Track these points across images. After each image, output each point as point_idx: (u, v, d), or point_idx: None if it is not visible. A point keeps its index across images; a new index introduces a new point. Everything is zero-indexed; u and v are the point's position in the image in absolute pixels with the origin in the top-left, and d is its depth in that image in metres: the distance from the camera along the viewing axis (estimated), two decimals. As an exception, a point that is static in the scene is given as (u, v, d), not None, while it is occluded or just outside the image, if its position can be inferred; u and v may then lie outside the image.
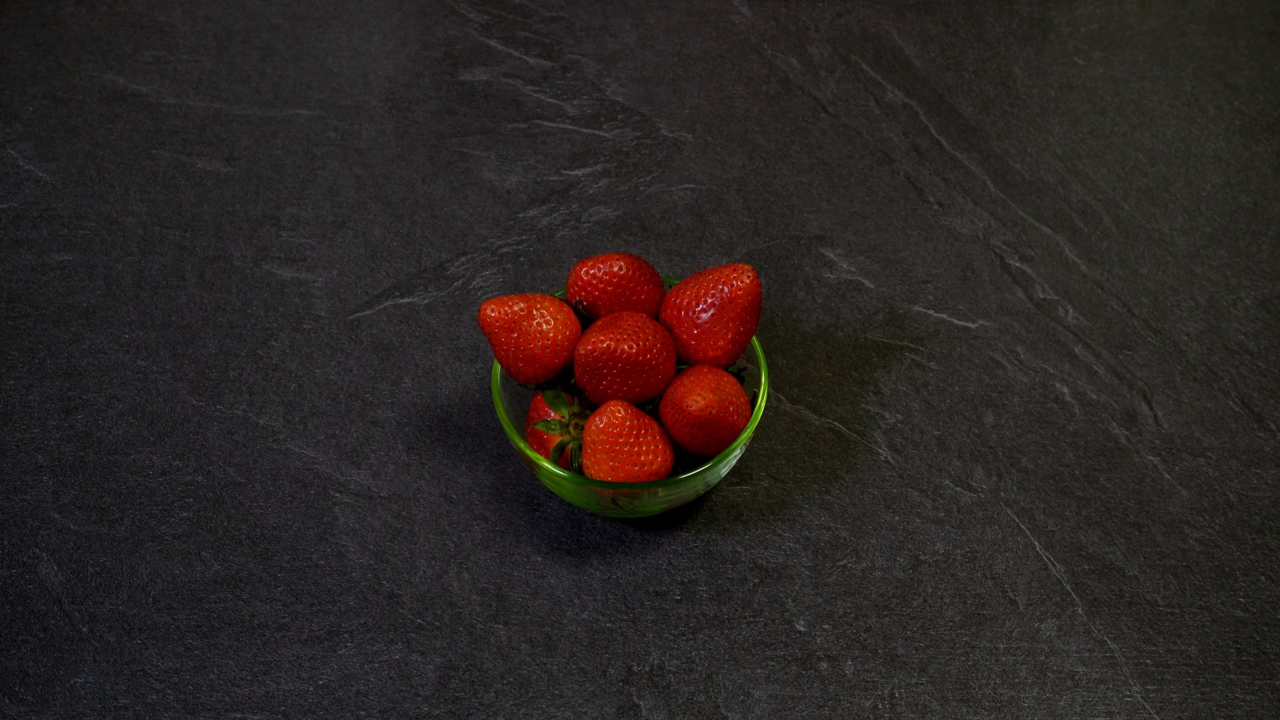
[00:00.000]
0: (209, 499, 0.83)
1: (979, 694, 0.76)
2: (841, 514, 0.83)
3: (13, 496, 0.83)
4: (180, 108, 1.03)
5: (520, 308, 0.76)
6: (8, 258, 0.94)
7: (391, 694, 0.76)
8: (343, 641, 0.77)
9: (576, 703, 0.75)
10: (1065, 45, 1.10)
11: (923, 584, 0.80)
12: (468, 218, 0.97)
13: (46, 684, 0.76)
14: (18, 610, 0.78)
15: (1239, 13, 1.13)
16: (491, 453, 0.85)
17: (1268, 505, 0.84)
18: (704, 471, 0.76)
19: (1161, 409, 0.88)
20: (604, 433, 0.74)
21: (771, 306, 0.93)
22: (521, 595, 0.79)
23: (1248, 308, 0.93)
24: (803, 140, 1.03)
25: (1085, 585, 0.80)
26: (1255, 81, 1.08)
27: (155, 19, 1.10)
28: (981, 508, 0.83)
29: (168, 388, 0.88)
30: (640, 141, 1.02)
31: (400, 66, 1.07)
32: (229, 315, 0.91)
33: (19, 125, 1.02)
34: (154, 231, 0.96)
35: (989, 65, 1.09)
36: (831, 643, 0.78)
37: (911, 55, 1.09)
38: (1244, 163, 1.02)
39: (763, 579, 0.80)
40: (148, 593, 0.79)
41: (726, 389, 0.76)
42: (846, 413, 0.87)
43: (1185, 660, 0.78)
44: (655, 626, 0.78)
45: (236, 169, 1.00)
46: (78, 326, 0.91)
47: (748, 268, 0.77)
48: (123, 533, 0.81)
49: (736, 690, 0.76)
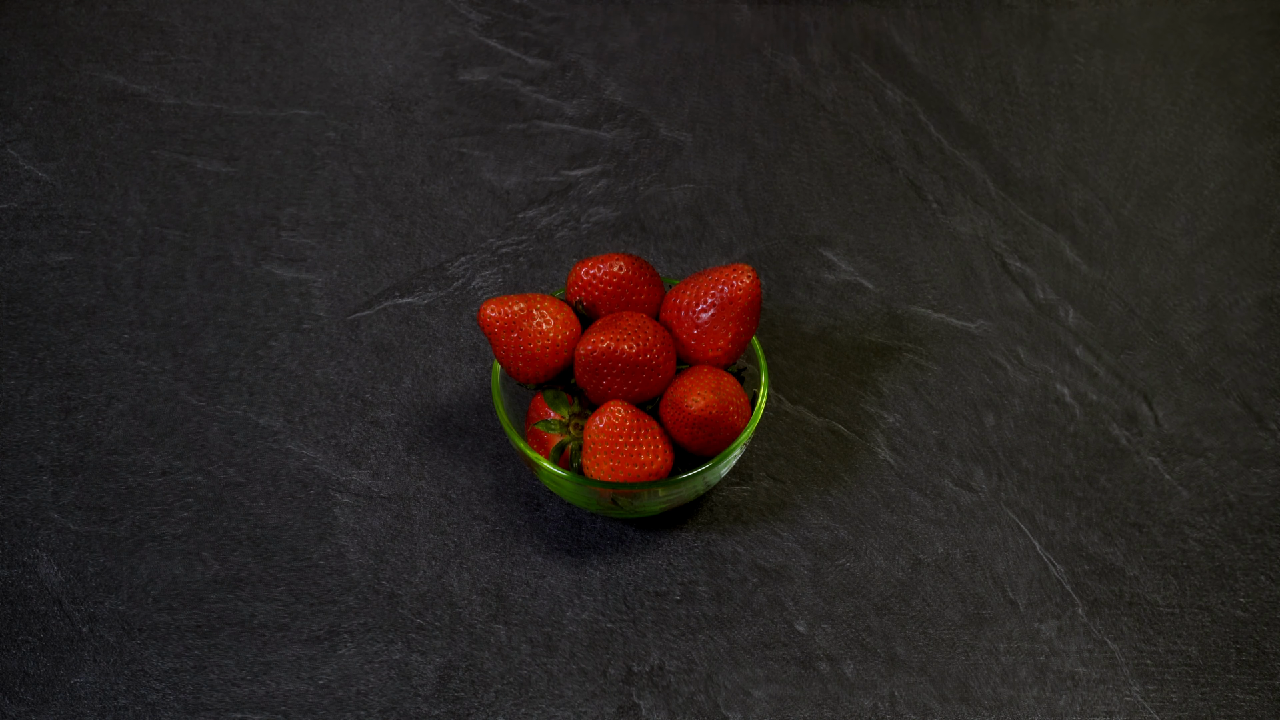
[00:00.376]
0: (209, 499, 0.83)
1: (979, 694, 0.76)
2: (841, 514, 0.83)
3: (13, 496, 0.83)
4: (180, 108, 1.03)
5: (520, 308, 0.76)
6: (8, 258, 0.94)
7: (391, 694, 0.76)
8: (343, 641, 0.77)
9: (576, 703, 0.75)
10: (1065, 45, 1.10)
11: (923, 584, 0.80)
12: (467, 218, 0.97)
13: (46, 684, 0.76)
14: (18, 610, 0.78)
15: (1239, 13, 1.13)
16: (491, 453, 0.85)
17: (1268, 505, 0.84)
18: (704, 471, 0.76)
19: (1162, 409, 0.88)
20: (604, 433, 0.74)
21: (771, 306, 0.93)
22: (521, 595, 0.79)
23: (1248, 308, 0.93)
24: (803, 140, 1.03)
25: (1085, 586, 0.80)
26: (1255, 81, 1.08)
27: (155, 19, 1.10)
28: (982, 508, 0.83)
29: (168, 388, 0.88)
30: (640, 142, 1.02)
31: (400, 66, 1.07)
32: (229, 315, 0.91)
33: (19, 125, 1.02)
34: (154, 231, 0.96)
35: (989, 65, 1.09)
36: (831, 643, 0.78)
37: (911, 55, 1.09)
38: (1244, 163, 1.02)
39: (763, 579, 0.80)
40: (148, 593, 0.79)
41: (726, 389, 0.76)
42: (846, 413, 0.87)
43: (1185, 660, 0.78)
44: (655, 626, 0.78)
45: (236, 169, 1.00)
46: (78, 326, 0.91)
47: (748, 268, 0.77)
48: (123, 533, 0.81)
49: (736, 690, 0.76)
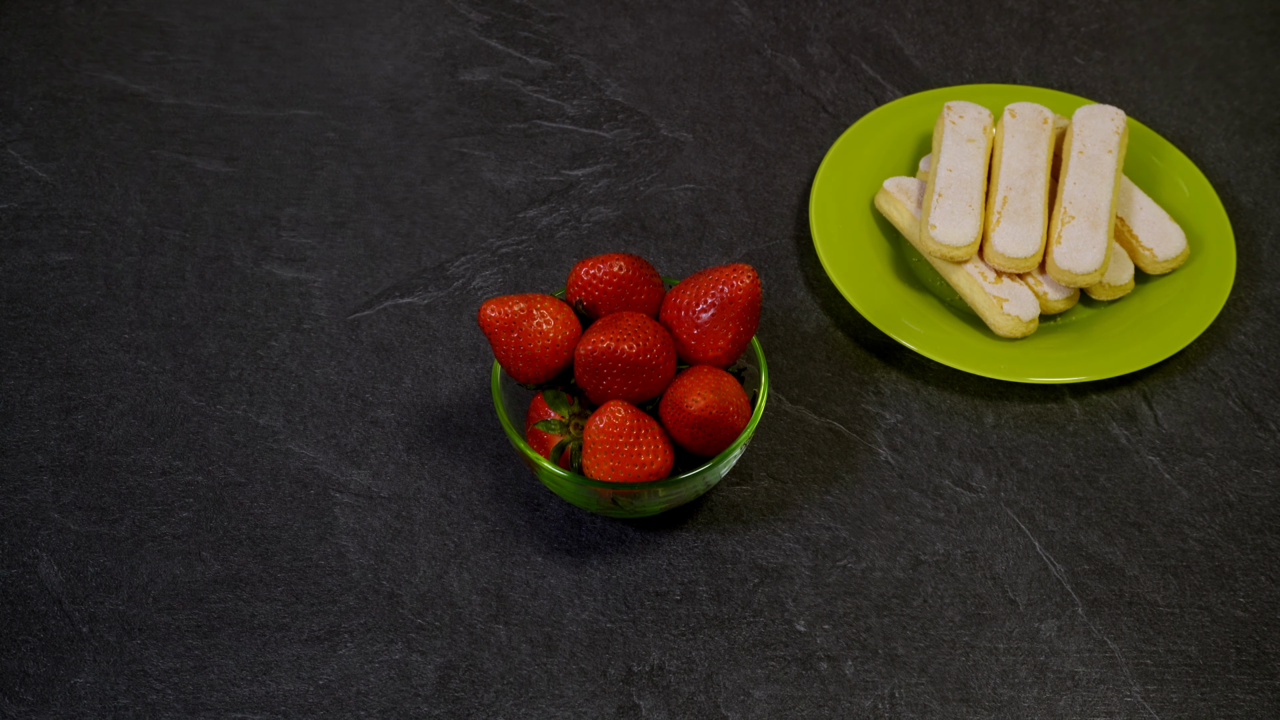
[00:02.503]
0: (209, 499, 0.83)
1: (979, 694, 0.76)
2: (841, 514, 0.83)
3: (13, 496, 0.83)
4: (180, 108, 1.03)
5: (520, 308, 0.76)
6: (8, 258, 0.94)
7: (391, 694, 0.76)
8: (343, 641, 0.77)
9: (576, 703, 0.75)
10: (1065, 45, 1.10)
11: (923, 584, 0.80)
12: (468, 218, 0.97)
13: (46, 684, 0.76)
14: (18, 610, 0.78)
15: (1239, 13, 1.13)
16: (491, 453, 0.85)
17: (1268, 505, 0.84)
18: (704, 471, 0.76)
19: (1161, 409, 0.88)
20: (604, 433, 0.74)
21: (771, 306, 0.93)
22: (521, 595, 0.79)
23: (1248, 308, 0.93)
24: (803, 140, 1.03)
25: (1085, 585, 0.80)
26: (1255, 81, 1.08)
27: (155, 19, 1.10)
28: (981, 508, 0.83)
29: (168, 388, 0.88)
30: (640, 141, 1.02)
31: (400, 66, 1.07)
32: (229, 315, 0.91)
33: (19, 125, 1.02)
34: (154, 231, 0.96)
35: (989, 65, 1.09)
36: (831, 643, 0.78)
37: (911, 55, 1.09)
38: (1244, 163, 1.02)
39: (763, 579, 0.80)
40: (148, 593, 0.79)
41: (726, 389, 0.76)
42: (846, 413, 0.87)
43: (1185, 660, 0.78)
44: (655, 626, 0.78)
45: (236, 169, 1.00)
46: (78, 326, 0.91)
47: (748, 268, 0.77)
48: (123, 533, 0.81)
49: (736, 690, 0.76)
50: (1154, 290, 0.92)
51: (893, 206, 0.94)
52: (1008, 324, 0.88)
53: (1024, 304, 0.89)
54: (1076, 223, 0.90)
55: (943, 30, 1.11)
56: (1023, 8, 1.13)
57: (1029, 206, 0.90)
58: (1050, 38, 1.11)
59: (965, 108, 0.97)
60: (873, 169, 0.98)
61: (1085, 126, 0.94)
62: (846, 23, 1.11)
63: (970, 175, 0.92)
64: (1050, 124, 0.95)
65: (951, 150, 0.94)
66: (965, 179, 0.92)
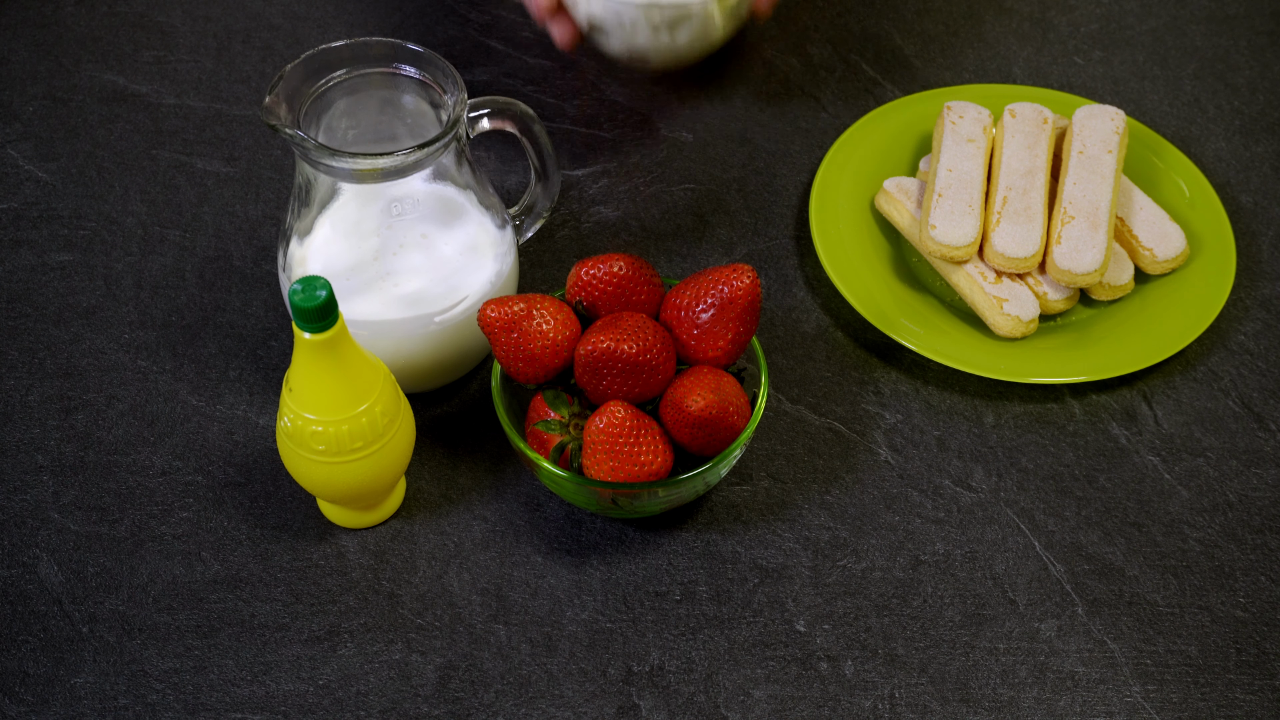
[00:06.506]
0: (209, 499, 0.83)
1: (979, 694, 0.76)
2: (841, 514, 0.83)
3: (13, 496, 0.83)
4: (180, 108, 1.03)
5: (520, 308, 0.76)
6: (8, 258, 0.94)
7: (391, 694, 0.76)
8: (343, 641, 0.77)
9: (576, 703, 0.75)
10: (1065, 45, 1.10)
11: (923, 584, 0.80)
12: (468, 218, 0.97)
13: (46, 684, 0.76)
14: (18, 610, 0.78)
15: (1239, 13, 1.13)
16: (491, 453, 0.85)
17: (1268, 505, 0.84)
18: (704, 471, 0.76)
19: (1161, 409, 0.88)
20: (604, 433, 0.74)
21: (771, 306, 0.93)
22: (521, 595, 0.79)
23: (1248, 308, 0.93)
24: (803, 140, 1.03)
25: (1085, 585, 0.80)
26: (1255, 81, 1.08)
27: (155, 19, 1.10)
28: (981, 508, 0.83)
29: (168, 388, 0.88)
30: (640, 141, 1.02)
31: (400, 66, 1.06)
32: (229, 315, 0.91)
33: (19, 125, 1.02)
34: (154, 231, 0.96)
35: (989, 65, 1.09)
36: (831, 643, 0.78)
37: (911, 55, 1.09)
38: (1244, 163, 1.02)
39: (763, 579, 0.80)
40: (148, 593, 0.79)
41: (726, 389, 0.76)
42: (846, 413, 0.87)
43: (1185, 660, 0.78)
44: (655, 626, 0.78)
45: (236, 169, 1.00)
46: (78, 326, 0.91)
47: (748, 268, 0.77)
48: (123, 533, 0.81)
49: (736, 690, 0.76)
50: (1154, 290, 0.92)
51: (893, 206, 0.94)
52: (1008, 324, 0.88)
53: (1024, 304, 0.89)
54: (1076, 223, 0.90)
55: (943, 30, 1.11)
56: (1023, 8, 1.13)
57: (1029, 206, 0.91)
58: (1050, 38, 1.11)
59: (965, 108, 0.97)
60: (873, 169, 0.98)
61: (1085, 126, 0.95)
62: (846, 23, 1.11)
63: (970, 175, 0.92)
64: (1050, 124, 0.95)
65: (951, 150, 0.94)
66: (965, 179, 0.92)
